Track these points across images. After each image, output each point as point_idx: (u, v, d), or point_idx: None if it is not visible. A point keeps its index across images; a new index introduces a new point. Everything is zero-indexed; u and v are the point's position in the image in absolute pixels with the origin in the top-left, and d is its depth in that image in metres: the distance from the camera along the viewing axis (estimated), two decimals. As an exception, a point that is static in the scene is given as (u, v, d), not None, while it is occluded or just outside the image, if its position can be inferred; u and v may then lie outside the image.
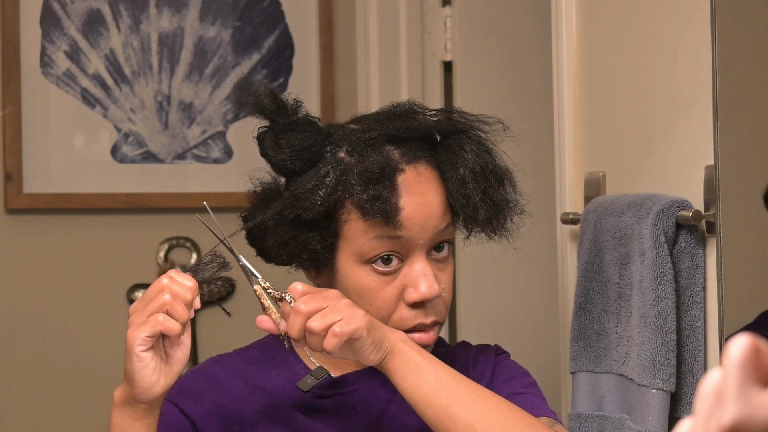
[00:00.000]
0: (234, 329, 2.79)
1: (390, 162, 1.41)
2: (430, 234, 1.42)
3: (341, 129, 1.47)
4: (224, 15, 2.77)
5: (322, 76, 2.81)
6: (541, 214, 2.36)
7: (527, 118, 2.64)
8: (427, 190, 1.43)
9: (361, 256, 1.42)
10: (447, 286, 1.46)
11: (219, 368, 1.52)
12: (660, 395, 1.54)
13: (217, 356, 1.56)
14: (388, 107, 1.50)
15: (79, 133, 2.70)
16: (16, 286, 2.64)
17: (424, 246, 1.43)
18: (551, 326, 2.08)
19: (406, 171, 1.42)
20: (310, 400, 1.48)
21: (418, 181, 1.43)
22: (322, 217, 1.43)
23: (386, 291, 1.42)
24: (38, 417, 2.64)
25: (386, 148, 1.43)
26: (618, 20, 1.81)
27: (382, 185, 1.40)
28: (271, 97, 1.45)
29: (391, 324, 1.43)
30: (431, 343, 1.45)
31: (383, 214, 1.39)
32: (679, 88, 1.65)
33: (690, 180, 1.60)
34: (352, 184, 1.40)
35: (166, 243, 2.74)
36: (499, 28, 2.70)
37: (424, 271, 1.42)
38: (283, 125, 1.44)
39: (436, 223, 1.43)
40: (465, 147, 1.45)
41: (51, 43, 2.67)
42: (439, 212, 1.43)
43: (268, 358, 1.53)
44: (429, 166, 1.45)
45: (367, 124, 1.46)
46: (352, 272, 1.44)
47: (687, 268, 1.57)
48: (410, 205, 1.41)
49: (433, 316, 1.44)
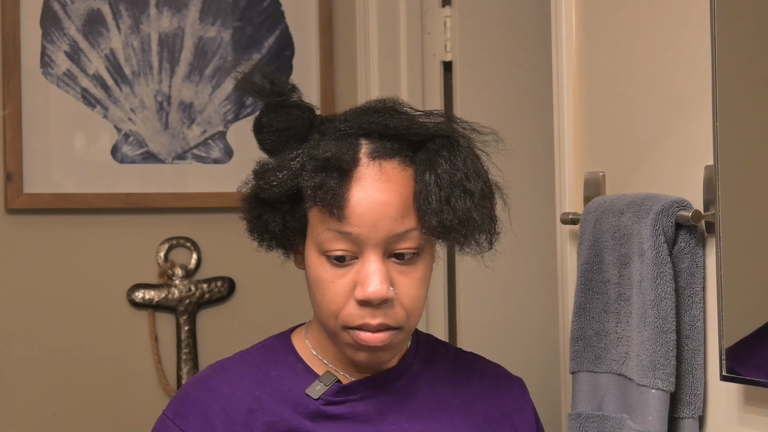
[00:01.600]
0: (234, 329, 2.80)
1: (342, 152, 1.38)
2: (383, 235, 1.39)
3: (334, 118, 1.46)
4: (224, 15, 2.77)
5: (322, 76, 2.81)
6: (541, 214, 2.37)
7: (527, 118, 2.65)
8: (385, 188, 1.39)
9: (318, 245, 1.41)
10: (408, 292, 1.42)
11: (222, 380, 1.48)
12: (659, 395, 1.54)
13: (218, 364, 1.53)
14: (373, 101, 1.48)
15: (79, 133, 2.70)
16: (17, 286, 2.64)
17: (378, 246, 1.39)
18: (551, 326, 2.08)
19: (367, 166, 1.39)
20: (319, 408, 1.46)
21: (379, 178, 1.39)
22: (288, 200, 1.42)
23: (338, 284, 1.41)
24: (38, 417, 2.64)
25: (358, 140, 1.41)
26: (618, 20, 1.81)
27: (328, 174, 1.37)
28: (267, 78, 1.44)
29: (340, 319, 1.42)
30: (380, 345, 1.42)
31: (325, 204, 1.37)
32: (679, 88, 1.65)
33: (690, 180, 1.60)
34: (307, 168, 1.39)
35: (166, 243, 2.74)
36: (499, 28, 2.70)
37: (375, 270, 1.39)
38: (270, 106, 1.44)
39: (389, 225, 1.39)
40: (442, 152, 1.42)
41: (51, 44, 2.67)
42: (395, 214, 1.39)
43: (269, 361, 1.51)
44: (401, 164, 1.42)
45: (346, 115, 1.45)
46: (312, 260, 1.43)
47: (687, 268, 1.57)
48: (362, 201, 1.38)
49: (381, 318, 1.40)
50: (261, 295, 2.79)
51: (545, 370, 2.32)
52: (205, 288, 2.75)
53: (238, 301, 2.79)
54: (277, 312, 2.74)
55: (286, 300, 2.68)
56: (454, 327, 2.71)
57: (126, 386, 2.71)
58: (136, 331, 2.72)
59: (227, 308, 2.78)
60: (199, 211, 2.75)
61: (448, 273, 2.71)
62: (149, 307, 2.72)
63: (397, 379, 1.51)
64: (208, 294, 2.75)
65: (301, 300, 1.71)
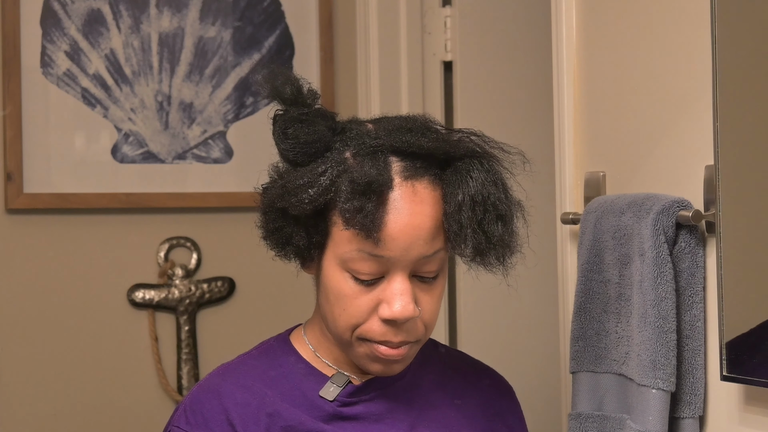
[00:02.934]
0: (234, 329, 2.80)
1: (381, 176, 1.36)
2: (414, 257, 1.38)
3: (357, 127, 1.43)
4: (224, 15, 2.77)
5: (322, 76, 2.81)
6: (541, 214, 2.36)
7: (527, 118, 2.65)
8: (419, 211, 1.38)
9: (343, 262, 1.39)
10: (429, 308, 1.43)
11: (233, 385, 1.46)
12: (660, 395, 1.54)
13: (221, 369, 1.51)
14: (403, 117, 1.45)
15: (79, 133, 2.70)
16: (17, 286, 2.64)
17: (407, 267, 1.39)
18: (551, 326, 2.08)
19: (401, 187, 1.38)
20: (335, 409, 1.46)
21: (413, 200, 1.38)
22: (311, 215, 1.39)
23: (361, 300, 1.40)
24: (38, 417, 2.64)
25: (389, 158, 1.39)
26: (618, 20, 1.81)
27: (368, 198, 1.35)
28: (291, 84, 1.41)
29: (359, 333, 1.41)
30: (399, 359, 1.43)
31: (363, 228, 1.35)
32: (679, 87, 1.65)
33: (690, 180, 1.60)
34: (342, 189, 1.37)
35: (166, 243, 2.74)
36: (499, 28, 2.70)
37: (402, 290, 1.39)
38: (295, 115, 1.40)
39: (421, 248, 1.38)
40: (472, 173, 1.40)
41: (51, 43, 2.67)
42: (427, 236, 1.39)
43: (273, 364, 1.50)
44: (431, 184, 1.40)
45: (378, 130, 1.42)
46: (333, 274, 1.41)
47: (687, 268, 1.57)
48: (396, 224, 1.37)
49: (404, 336, 1.41)
50: (261, 295, 2.79)
51: (545, 370, 2.32)
52: (205, 288, 2.75)
53: (238, 301, 2.79)
54: (277, 312, 2.74)
55: (286, 300, 2.68)
56: (454, 327, 2.71)
57: (126, 386, 2.71)
58: (136, 331, 2.71)
59: (227, 308, 2.78)
60: (199, 211, 2.75)
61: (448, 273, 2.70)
62: (149, 307, 2.72)
63: (400, 378, 1.52)
64: (208, 294, 2.75)
65: (301, 300, 1.71)
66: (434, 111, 2.72)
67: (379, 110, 2.72)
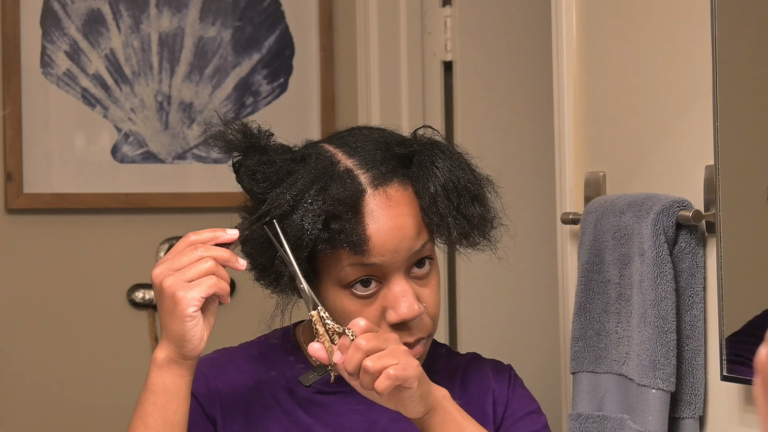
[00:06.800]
0: (234, 329, 2.79)
1: (351, 189, 1.37)
2: (405, 256, 1.40)
3: (315, 150, 1.44)
4: (224, 15, 2.77)
5: (322, 76, 2.81)
6: (541, 214, 2.37)
7: (527, 118, 2.65)
8: (398, 214, 1.40)
9: (339, 281, 1.41)
10: (431, 301, 1.44)
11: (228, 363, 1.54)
12: (660, 395, 1.54)
13: (222, 349, 1.58)
14: (344, 130, 1.49)
15: (79, 133, 2.70)
16: (16, 286, 2.64)
17: (401, 267, 1.41)
18: (551, 326, 2.08)
19: (374, 197, 1.39)
20: (310, 396, 1.49)
21: (388, 205, 1.40)
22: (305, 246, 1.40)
23: (367, 313, 1.41)
24: (38, 417, 2.64)
25: (354, 172, 1.40)
26: (618, 20, 1.81)
27: (344, 216, 1.37)
28: (241, 131, 1.43)
29: None
30: (419, 356, 1.44)
31: (350, 245, 1.37)
32: (679, 88, 1.65)
33: (690, 180, 1.60)
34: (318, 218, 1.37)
35: (166, 243, 2.74)
36: (499, 28, 2.70)
37: (403, 292, 1.41)
38: (257, 159, 1.42)
39: (409, 246, 1.40)
40: (437, 162, 1.42)
41: (51, 43, 2.67)
42: (412, 234, 1.41)
43: (270, 356, 1.54)
44: (401, 185, 1.42)
45: (336, 150, 1.43)
46: (334, 296, 1.43)
47: (687, 268, 1.57)
48: (380, 232, 1.38)
49: (418, 333, 1.43)
50: (261, 295, 2.78)
51: (545, 371, 2.31)
52: (205, 288, 2.75)
53: (238, 301, 2.78)
54: (277, 312, 2.74)
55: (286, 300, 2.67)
56: (454, 327, 2.71)
57: (126, 386, 2.70)
58: (136, 331, 2.71)
59: (227, 308, 2.78)
60: (199, 211, 2.75)
61: (448, 273, 2.70)
62: (149, 307, 2.72)
63: None
64: (208, 294, 2.75)
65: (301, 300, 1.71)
66: (434, 111, 2.73)
67: (379, 110, 2.72)
